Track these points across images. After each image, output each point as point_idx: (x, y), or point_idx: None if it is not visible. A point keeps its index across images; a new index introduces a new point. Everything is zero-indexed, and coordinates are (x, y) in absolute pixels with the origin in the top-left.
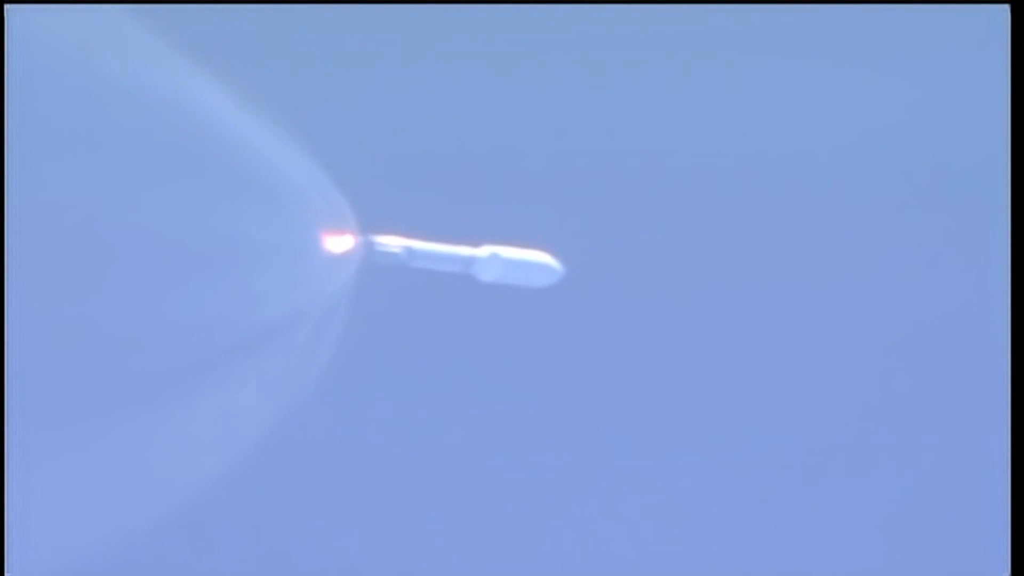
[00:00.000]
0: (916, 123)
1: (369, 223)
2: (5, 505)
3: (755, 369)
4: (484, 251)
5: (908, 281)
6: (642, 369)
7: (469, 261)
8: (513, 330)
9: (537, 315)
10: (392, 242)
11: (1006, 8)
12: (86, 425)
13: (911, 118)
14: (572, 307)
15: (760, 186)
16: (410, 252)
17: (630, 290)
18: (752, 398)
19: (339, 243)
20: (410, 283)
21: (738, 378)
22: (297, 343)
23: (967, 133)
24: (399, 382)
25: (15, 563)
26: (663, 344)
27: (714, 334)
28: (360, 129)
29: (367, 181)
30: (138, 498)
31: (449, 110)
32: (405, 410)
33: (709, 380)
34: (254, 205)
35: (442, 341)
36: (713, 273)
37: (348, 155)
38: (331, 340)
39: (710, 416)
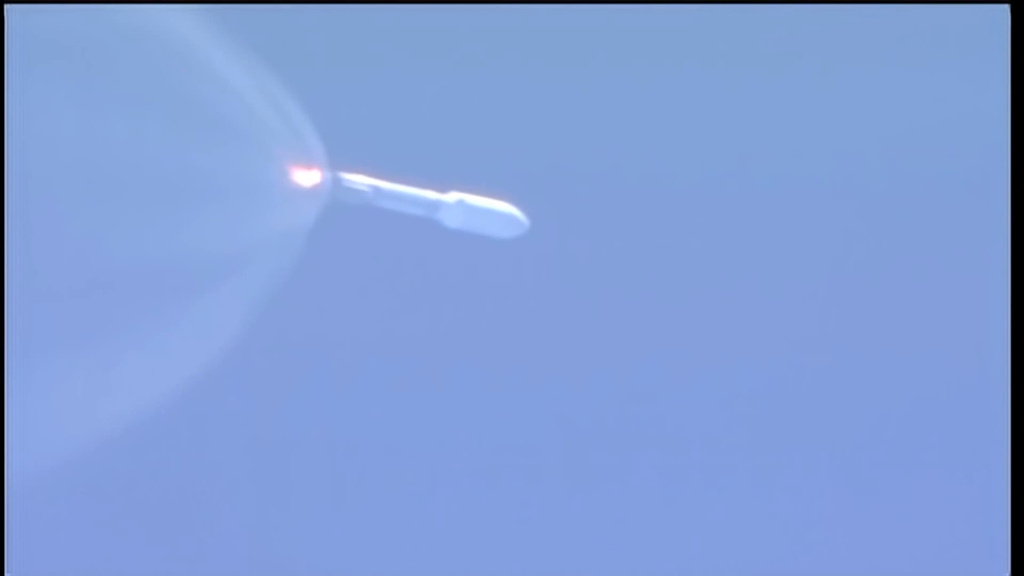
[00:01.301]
0: (916, 123)
1: (340, 161)
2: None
3: (739, 358)
4: (451, 197)
5: (907, 281)
6: (597, 328)
7: (435, 205)
8: (472, 277)
9: (498, 265)
10: (360, 180)
11: (1006, 8)
12: (47, 356)
13: (911, 118)
14: (534, 260)
15: (760, 185)
16: (377, 191)
17: (592, 249)
18: (750, 395)
19: (307, 177)
20: (374, 223)
21: (692, 349)
22: (255, 274)
23: (967, 133)
24: (352, 322)
25: (15, 563)
26: (617, 309)
27: (674, 307)
28: (343, 71)
29: (343, 121)
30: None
31: (437, 63)
32: (355, 349)
33: (659, 356)
34: (225, 136)
35: (399, 282)
36: (692, 255)
37: (327, 95)
38: (286, 272)
39: (661, 388)
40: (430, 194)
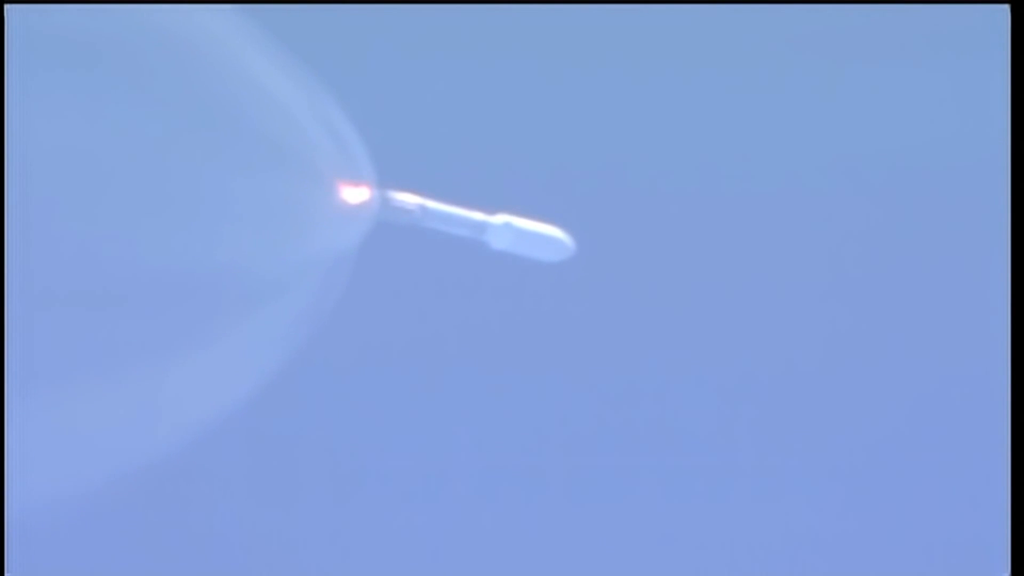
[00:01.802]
0: (916, 123)
1: (388, 180)
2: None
3: (754, 367)
4: (498, 219)
5: (907, 281)
6: (631, 355)
7: (482, 226)
8: (517, 300)
9: (542, 288)
10: (408, 199)
11: (1006, 8)
12: (93, 372)
13: (911, 118)
14: (578, 284)
15: (763, 184)
16: (424, 211)
17: (635, 277)
18: (752, 397)
19: (355, 194)
20: (420, 243)
21: (735, 376)
22: (302, 292)
23: (967, 133)
24: (397, 340)
25: (15, 563)
26: (655, 335)
27: (710, 335)
28: (395, 91)
29: (394, 141)
30: (136, 441)
31: (486, 83)
32: (401, 367)
33: (699, 379)
34: (273, 152)
35: (444, 301)
36: (716, 273)
37: (379, 115)
38: (332, 291)
39: (701, 414)
40: (477, 215)
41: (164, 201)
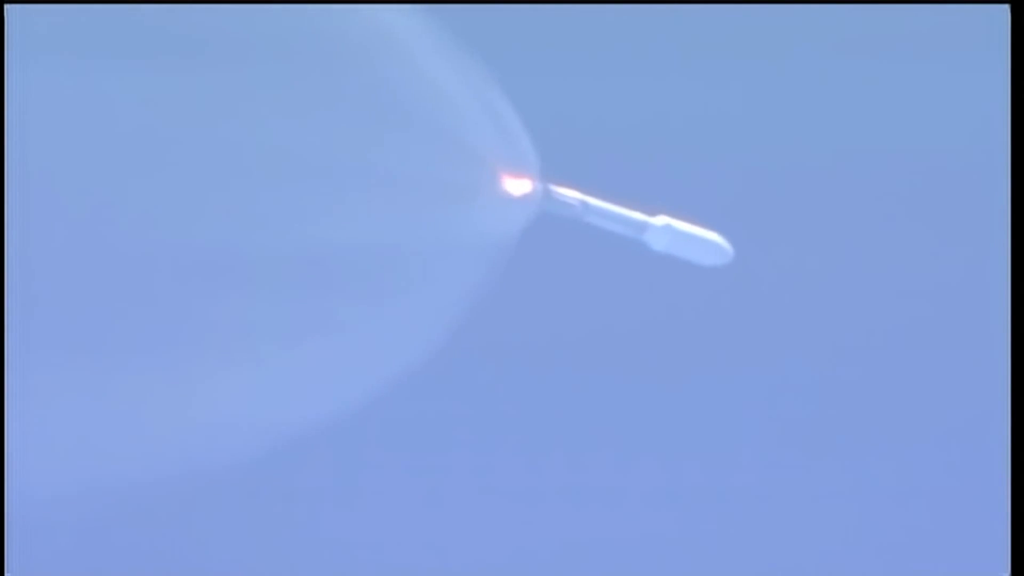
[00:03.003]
0: (916, 123)
1: (554, 175)
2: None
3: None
4: (659, 220)
5: (907, 281)
6: (781, 359)
7: (642, 226)
8: (672, 302)
9: (700, 291)
10: (570, 193)
11: (1006, 8)
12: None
13: (911, 118)
14: (735, 289)
15: (762, 185)
16: (586, 206)
17: (792, 283)
18: (756, 398)
19: (518, 185)
20: (580, 238)
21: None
22: (457, 277)
23: (967, 133)
24: (545, 334)
25: (15, 563)
26: (806, 339)
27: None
28: (569, 89)
29: (564, 137)
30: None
31: (664, 85)
32: (547, 362)
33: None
34: (444, 140)
35: (598, 299)
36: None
37: (552, 111)
38: (489, 277)
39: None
40: (638, 215)
41: (328, 181)
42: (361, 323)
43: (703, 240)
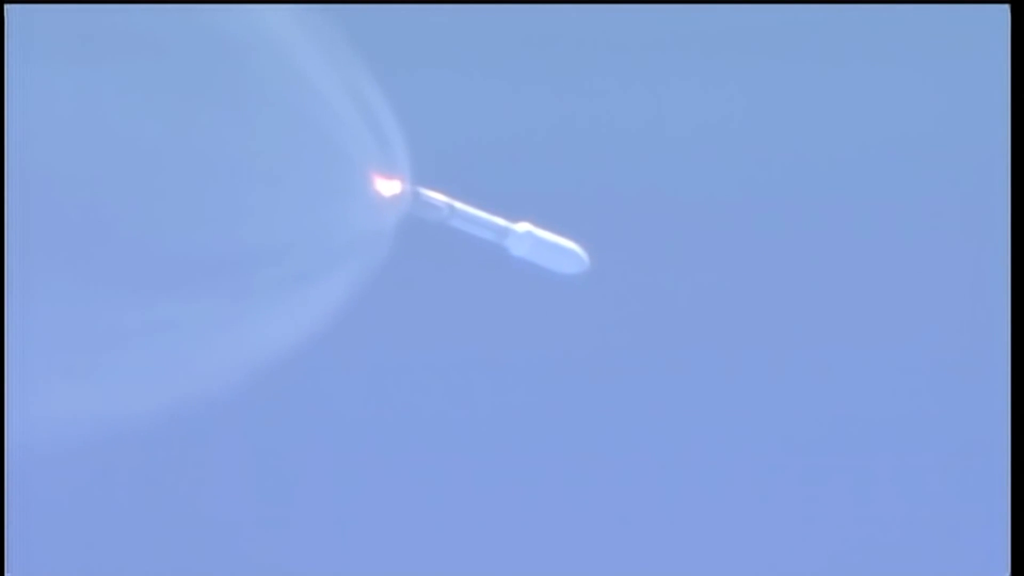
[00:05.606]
0: (916, 122)
1: (424, 179)
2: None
3: (756, 366)
4: (521, 226)
5: (908, 280)
6: (640, 365)
7: (504, 232)
8: (526, 306)
9: (556, 299)
10: (438, 197)
11: (1006, 8)
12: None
13: (911, 117)
14: (589, 298)
15: (764, 185)
16: (452, 210)
17: (645, 292)
18: (757, 395)
19: (388, 186)
20: (443, 241)
21: (738, 380)
22: (327, 273)
23: (967, 133)
24: (406, 329)
25: (15, 563)
26: (663, 347)
27: (718, 339)
28: (443, 96)
29: (435, 144)
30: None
31: (536, 95)
32: (408, 356)
33: (708, 385)
34: (316, 140)
35: (457, 299)
36: (719, 277)
37: (426, 118)
38: (355, 276)
39: (708, 421)
40: (501, 221)
41: (197, 179)
42: (225, 321)
43: (561, 248)
